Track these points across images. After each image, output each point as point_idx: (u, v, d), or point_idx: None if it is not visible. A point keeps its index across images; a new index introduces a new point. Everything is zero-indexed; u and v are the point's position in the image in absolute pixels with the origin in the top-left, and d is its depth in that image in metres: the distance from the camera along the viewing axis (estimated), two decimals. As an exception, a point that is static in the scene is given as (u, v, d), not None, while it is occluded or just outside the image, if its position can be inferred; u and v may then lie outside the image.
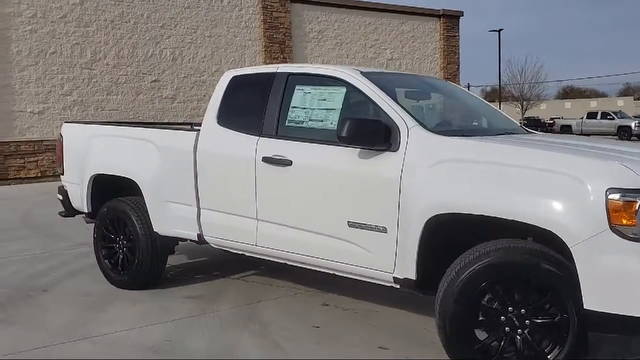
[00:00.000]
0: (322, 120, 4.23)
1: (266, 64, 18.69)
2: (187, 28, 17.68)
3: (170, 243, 5.43)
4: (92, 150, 5.69)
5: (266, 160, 4.38)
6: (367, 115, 4.08)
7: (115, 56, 16.64)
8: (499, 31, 42.18)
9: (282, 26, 18.92)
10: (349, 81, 4.17)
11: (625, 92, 76.36)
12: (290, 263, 4.48)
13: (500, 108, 32.72)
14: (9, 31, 15.08)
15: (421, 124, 3.85)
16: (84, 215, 6.01)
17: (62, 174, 6.13)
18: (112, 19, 16.48)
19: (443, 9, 22.43)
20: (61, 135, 6.10)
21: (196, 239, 4.99)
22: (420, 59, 21.74)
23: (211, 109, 4.92)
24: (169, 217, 5.09)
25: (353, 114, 4.14)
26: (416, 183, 3.63)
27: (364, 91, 4.08)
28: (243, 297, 5.20)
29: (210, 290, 5.44)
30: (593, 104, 62.68)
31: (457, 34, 22.52)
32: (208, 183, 4.78)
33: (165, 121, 15.76)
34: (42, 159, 15.50)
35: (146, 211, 5.28)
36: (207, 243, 4.97)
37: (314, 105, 4.29)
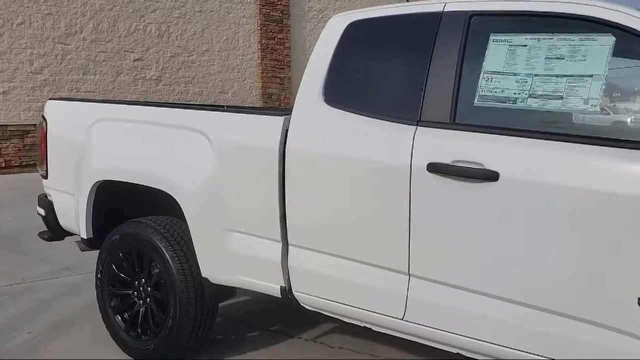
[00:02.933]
0: (559, 96, 2.22)
1: (262, 44, 16.58)
2: (175, 1, 15.40)
3: (227, 294, 3.35)
4: (95, 144, 3.58)
5: (437, 169, 2.37)
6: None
7: (94, 30, 14.29)
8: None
9: (279, 3, 16.77)
10: (625, 24, 2.16)
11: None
12: (470, 355, 2.47)
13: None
14: (-32, -4, 12.64)
15: None
16: (79, 240, 3.90)
17: (45, 177, 3.99)
18: (90, -13, 14.13)
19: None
20: (44, 119, 3.96)
21: (277, 293, 2.95)
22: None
23: (310, 78, 2.86)
24: (229, 256, 3.04)
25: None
26: None
27: None
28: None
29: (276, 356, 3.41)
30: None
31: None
32: (306, 205, 2.75)
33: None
34: (6, 147, 13.12)
35: (189, 243, 3.22)
36: (296, 301, 2.93)
37: (539, 69, 2.27)
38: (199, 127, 3.10)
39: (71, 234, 4.08)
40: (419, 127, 2.47)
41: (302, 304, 2.89)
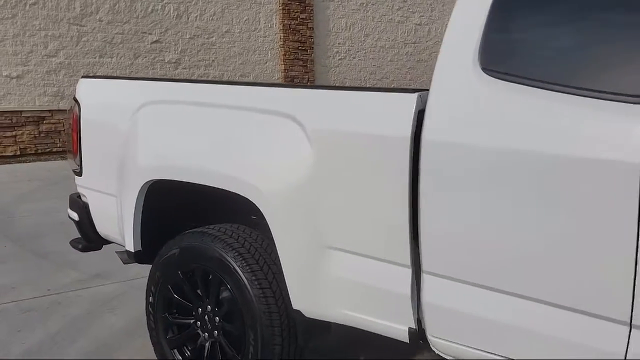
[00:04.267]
0: None
1: (284, 24, 15.71)
2: (195, -20, 14.56)
3: (322, 331, 2.57)
4: (144, 133, 2.80)
5: None
6: None
7: (110, 10, 13.49)
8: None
9: (302, -18, 15.88)
10: None
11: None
12: None
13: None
14: (-21, -25, 11.86)
15: None
16: (122, 252, 3.14)
17: (79, 173, 3.22)
18: (106, -35, 13.32)
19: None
20: (76, 102, 3.18)
21: (404, 337, 2.16)
22: (450, 25, 18.87)
23: (456, 40, 2.04)
24: (332, 283, 2.26)
25: None
26: None
27: None
28: None
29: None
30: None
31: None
32: (453, 217, 1.94)
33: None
34: (21, 134, 12.40)
35: (275, 264, 2.45)
36: (431, 348, 2.14)
37: None
38: (289, 111, 2.31)
39: (108, 242, 3.33)
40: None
41: (439, 353, 2.11)
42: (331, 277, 2.25)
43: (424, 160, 1.99)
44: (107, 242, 3.31)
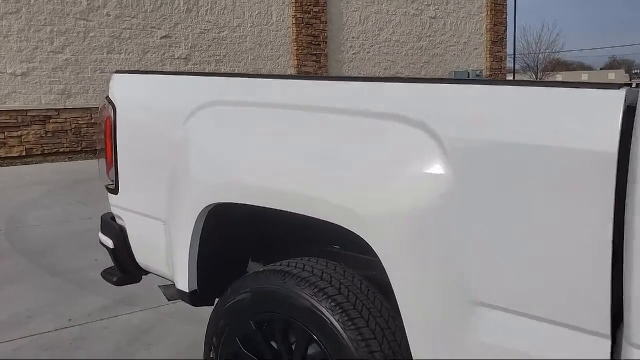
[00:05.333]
0: None
1: (296, 18, 15.09)
2: (205, -28, 13.95)
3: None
4: (203, 143, 2.17)
5: None
6: None
7: (118, 4, 12.87)
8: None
9: (315, -26, 15.25)
10: None
11: (611, 65, 73.53)
12: None
13: (514, 78, 29.70)
14: (-19, -33, 11.24)
15: None
16: (169, 287, 2.53)
17: (114, 191, 2.59)
18: (113, -44, 12.71)
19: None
20: (110, 103, 2.54)
21: None
22: (465, 18, 18.24)
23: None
24: (483, 352, 1.63)
25: None
26: None
27: None
28: None
29: None
30: (584, 76, 59.81)
31: (502, -9, 19.11)
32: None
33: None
34: (26, 134, 11.79)
35: (391, 321, 1.83)
36: None
37: None
38: (416, 116, 1.68)
39: (146, 273, 2.71)
40: None
41: None
42: (480, 344, 1.63)
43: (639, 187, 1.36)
44: (147, 272, 2.69)
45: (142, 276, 2.74)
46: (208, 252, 2.24)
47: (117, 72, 2.60)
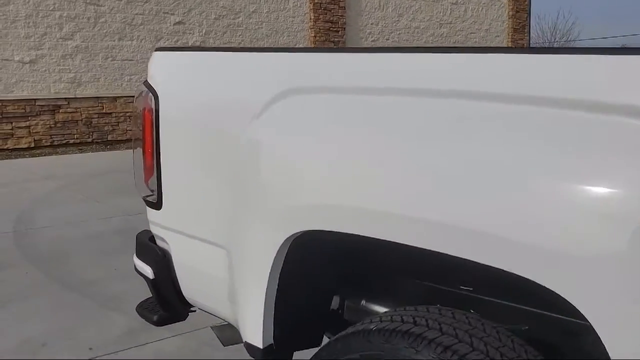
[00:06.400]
0: None
1: (314, 3, 14.42)
2: (220, -45, 13.29)
3: None
4: (288, 148, 1.55)
5: None
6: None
7: (129, -12, 12.24)
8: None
9: (333, -43, 14.57)
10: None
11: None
12: None
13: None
14: (-14, -52, 10.62)
15: None
16: (224, 328, 1.92)
17: (156, 205, 1.97)
18: (125, -62, 12.08)
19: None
20: (150, 90, 1.92)
21: None
22: (487, 5, 17.53)
23: None
24: None
25: None
26: None
27: None
28: None
29: None
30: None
31: (523, -24, 18.38)
32: None
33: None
34: (35, 124, 11.22)
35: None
36: None
37: None
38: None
39: (192, 310, 2.11)
40: None
41: None
42: None
43: None
44: (196, 308, 2.09)
45: (190, 312, 2.14)
46: (289, 294, 1.64)
47: (160, 49, 1.98)
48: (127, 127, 12.08)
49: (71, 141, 11.43)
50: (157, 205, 1.96)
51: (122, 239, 5.16)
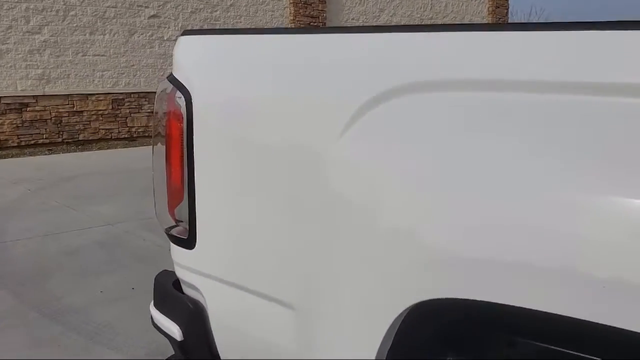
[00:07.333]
0: None
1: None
2: (196, -55, 12.68)
3: None
4: (405, 172, 1.05)
5: None
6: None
7: (101, -21, 11.56)
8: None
9: (313, -51, 14.08)
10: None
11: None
12: None
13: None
14: None
15: None
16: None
17: (189, 244, 1.45)
18: None
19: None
20: (178, 88, 1.40)
21: None
22: (467, 0, 17.24)
23: None
24: None
25: None
26: None
27: None
28: None
29: None
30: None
31: (503, -29, 18.14)
32: None
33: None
34: (1, 124, 10.52)
35: None
36: None
37: None
38: None
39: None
40: None
41: None
42: None
43: None
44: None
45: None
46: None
47: (187, 32, 1.45)
48: (99, 125, 11.43)
49: (40, 141, 10.73)
50: (187, 242, 1.44)
51: (104, 253, 4.60)
